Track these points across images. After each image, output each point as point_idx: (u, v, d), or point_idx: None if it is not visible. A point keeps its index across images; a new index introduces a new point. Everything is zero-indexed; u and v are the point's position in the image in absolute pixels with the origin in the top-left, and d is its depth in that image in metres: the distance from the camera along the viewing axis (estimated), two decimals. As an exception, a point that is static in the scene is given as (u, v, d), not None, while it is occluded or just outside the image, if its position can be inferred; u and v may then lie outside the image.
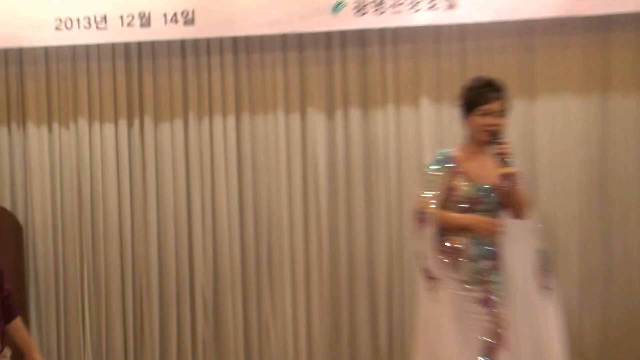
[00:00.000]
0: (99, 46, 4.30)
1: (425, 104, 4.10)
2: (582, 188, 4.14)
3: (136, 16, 4.15)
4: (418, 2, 4.00)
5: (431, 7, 4.02)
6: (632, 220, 4.09)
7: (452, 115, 3.87)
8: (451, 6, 3.99)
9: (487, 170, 3.07)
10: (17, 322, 2.55)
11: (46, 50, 4.34)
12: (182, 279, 4.39)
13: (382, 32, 4.20)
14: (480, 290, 3.10)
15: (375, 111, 4.22)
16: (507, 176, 2.97)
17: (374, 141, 4.23)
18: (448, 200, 3.11)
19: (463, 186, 3.12)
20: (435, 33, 4.15)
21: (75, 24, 4.20)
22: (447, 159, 3.16)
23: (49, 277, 4.43)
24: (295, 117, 4.31)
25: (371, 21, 4.13)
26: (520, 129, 4.06)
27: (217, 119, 4.35)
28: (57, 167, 4.45)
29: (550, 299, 3.10)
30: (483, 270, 3.10)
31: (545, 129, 4.13)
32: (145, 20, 4.19)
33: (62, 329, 4.46)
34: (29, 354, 2.57)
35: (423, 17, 4.06)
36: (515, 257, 3.12)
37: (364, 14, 4.09)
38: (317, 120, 4.28)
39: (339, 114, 4.27)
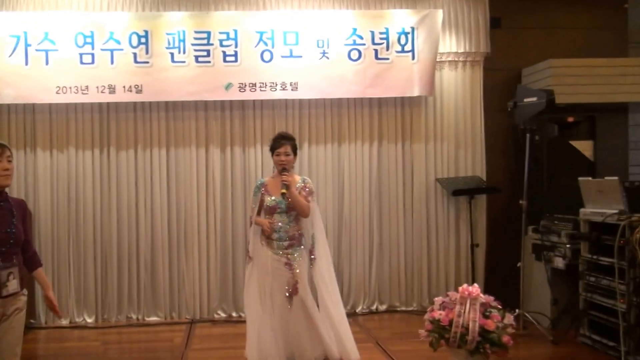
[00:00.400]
0: (83, 104, 5.95)
1: (279, 145, 6.12)
2: (367, 197, 6.27)
3: (106, 87, 5.83)
4: (275, 85, 5.97)
5: (282, 89, 5.99)
6: (394, 216, 6.27)
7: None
8: (294, 89, 5.99)
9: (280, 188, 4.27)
10: (40, 270, 3.39)
11: (49, 105, 5.92)
12: (131, 247, 6.05)
13: (254, 102, 6.11)
14: (284, 258, 4.27)
15: (249, 149, 6.13)
16: (284, 194, 4.20)
17: (249, 167, 6.11)
18: (262, 208, 4.36)
19: (267, 199, 4.33)
20: (286, 103, 6.14)
21: (68, 90, 5.79)
22: (260, 184, 4.43)
23: (47, 245, 5.91)
24: (202, 151, 6.08)
25: (248, 95, 5.99)
26: (333, 162, 6.22)
27: (155, 151, 6.07)
28: (55, 177, 5.98)
29: (319, 263, 4.35)
30: (285, 247, 4.28)
31: (347, 162, 6.25)
32: (112, 90, 5.84)
33: (56, 278, 5.92)
34: (46, 290, 3.38)
35: (278, 94, 6.00)
36: (304, 239, 4.40)
37: (243, 91, 5.95)
38: (215, 153, 6.09)
39: (228, 150, 6.12)
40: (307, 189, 4.39)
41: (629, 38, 6.43)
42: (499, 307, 3.82)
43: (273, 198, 4.34)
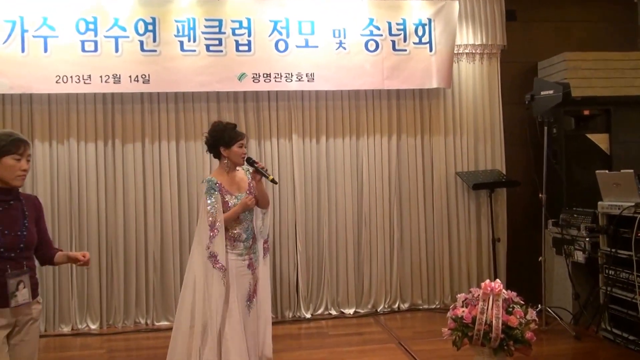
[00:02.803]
0: (85, 94, 5.59)
1: (295, 138, 5.89)
2: (387, 191, 6.08)
3: (111, 77, 5.48)
4: (291, 76, 5.73)
5: (298, 80, 5.76)
6: (415, 211, 6.11)
7: (312, 145, 5.81)
8: (310, 80, 5.77)
9: (239, 183, 3.89)
10: (59, 254, 3.12)
11: (48, 95, 5.56)
12: (139, 246, 5.73)
13: (269, 93, 5.86)
14: (247, 259, 3.88)
15: (265, 141, 5.89)
16: (273, 180, 3.87)
17: (264, 160, 5.80)
18: (227, 210, 3.79)
19: (231, 200, 3.82)
20: (301, 95, 5.92)
21: (69, 79, 5.42)
22: (215, 184, 3.79)
23: (47, 245, 5.71)
24: (215, 144, 5.91)
25: (262, 86, 5.73)
26: (352, 155, 6.00)
27: (164, 143, 5.77)
28: (55, 171, 5.61)
29: (266, 261, 4.01)
30: (249, 246, 3.89)
31: (366, 155, 6.04)
32: (117, 79, 5.49)
33: (57, 279, 5.59)
34: (69, 258, 3.12)
35: (294, 85, 5.77)
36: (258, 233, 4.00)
37: (257, 82, 5.69)
38: (228, 146, 5.95)
39: (242, 143, 6.01)
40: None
41: (638, 32, 6.44)
42: (522, 302, 3.67)
43: (238, 196, 3.85)
